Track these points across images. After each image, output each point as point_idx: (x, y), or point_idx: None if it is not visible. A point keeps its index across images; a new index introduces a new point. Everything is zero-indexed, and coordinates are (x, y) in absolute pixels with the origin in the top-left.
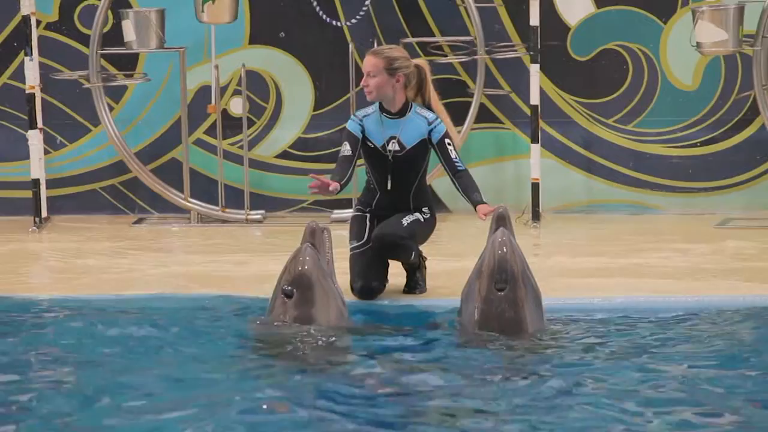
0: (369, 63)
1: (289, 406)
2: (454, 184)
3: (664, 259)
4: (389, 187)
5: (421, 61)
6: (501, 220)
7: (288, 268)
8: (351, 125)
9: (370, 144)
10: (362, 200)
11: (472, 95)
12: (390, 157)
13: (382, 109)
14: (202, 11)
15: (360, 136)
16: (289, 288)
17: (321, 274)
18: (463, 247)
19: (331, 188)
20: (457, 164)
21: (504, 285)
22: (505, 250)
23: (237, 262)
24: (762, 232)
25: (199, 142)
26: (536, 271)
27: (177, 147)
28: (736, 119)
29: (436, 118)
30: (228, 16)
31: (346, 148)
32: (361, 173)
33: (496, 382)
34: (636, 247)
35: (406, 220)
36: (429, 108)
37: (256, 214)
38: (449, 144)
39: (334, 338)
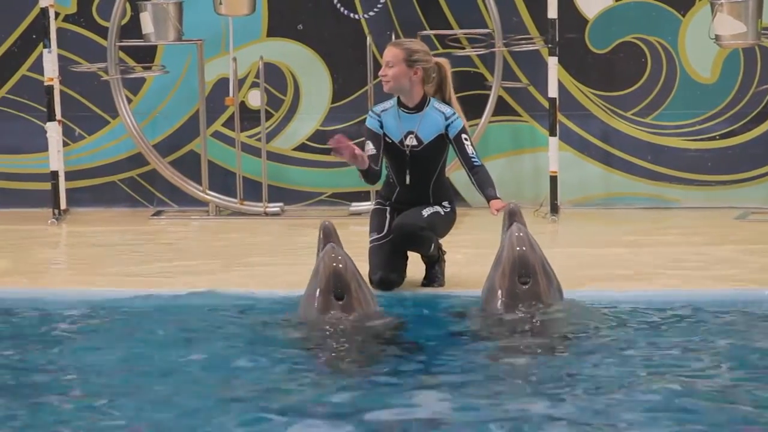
0: (389, 53)
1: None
2: (470, 178)
3: (683, 252)
4: (408, 181)
5: (443, 60)
6: (513, 216)
7: (327, 270)
8: (370, 122)
9: (388, 139)
10: (382, 194)
11: (489, 88)
12: (408, 152)
13: (399, 103)
14: (220, 3)
15: (380, 131)
16: (341, 291)
17: (357, 272)
18: (483, 240)
19: (357, 152)
20: (473, 159)
21: (528, 278)
22: (523, 244)
23: (257, 258)
24: None
25: (217, 135)
26: (554, 263)
27: (195, 139)
28: (755, 112)
29: (453, 113)
30: (246, 8)
31: (369, 147)
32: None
33: (525, 374)
34: (654, 240)
35: (426, 212)
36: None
37: (275, 207)
38: (466, 139)
39: (373, 332)
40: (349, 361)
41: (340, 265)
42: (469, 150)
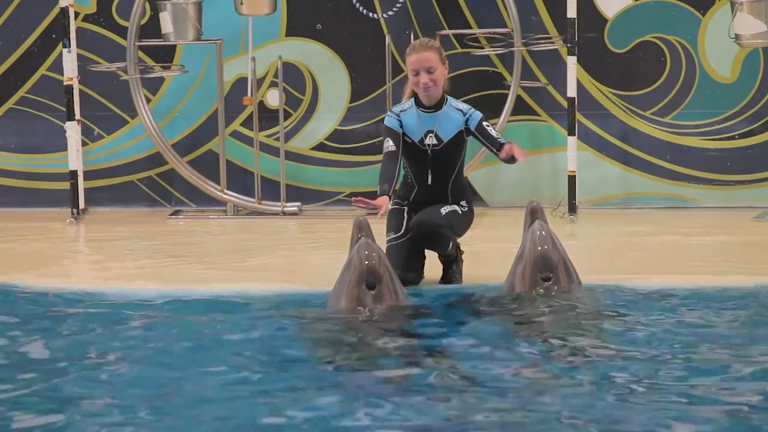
0: (427, 58)
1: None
2: (501, 158)
3: (701, 251)
4: (428, 181)
5: None
6: (535, 213)
7: (361, 261)
8: (389, 121)
9: (408, 139)
10: (400, 194)
11: (508, 87)
12: (429, 151)
13: (418, 104)
14: (241, 3)
15: (400, 131)
16: (373, 282)
17: (389, 266)
18: (500, 239)
19: (379, 214)
20: (499, 140)
21: (550, 274)
22: (546, 241)
23: (273, 253)
24: None
25: (235, 134)
26: (573, 262)
27: (214, 139)
28: None
29: (470, 108)
30: (267, 8)
31: (389, 144)
32: None
33: (545, 370)
34: (672, 239)
35: (445, 210)
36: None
37: (293, 206)
38: (488, 126)
39: (401, 324)
40: (374, 352)
41: (374, 260)
42: (494, 133)
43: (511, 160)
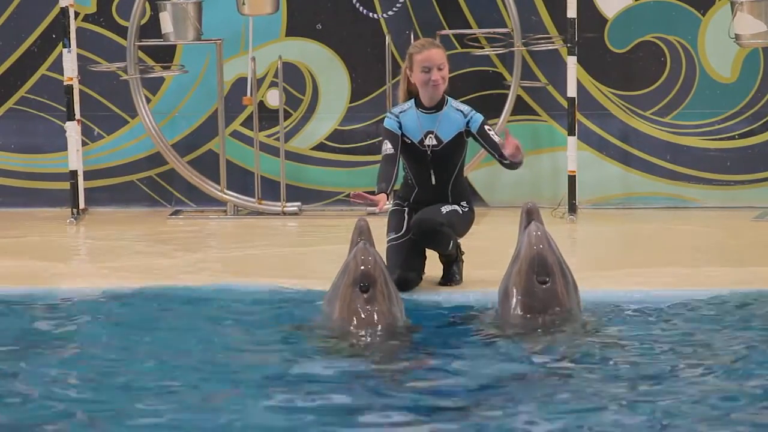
0: (438, 55)
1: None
2: (503, 163)
3: (701, 252)
4: (428, 181)
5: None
6: (531, 214)
7: (356, 266)
8: (388, 123)
9: (408, 140)
10: (400, 195)
11: (508, 87)
12: (429, 152)
13: (418, 104)
14: (243, 3)
15: (399, 132)
16: (366, 284)
17: (386, 271)
18: (500, 238)
19: (378, 208)
20: (501, 144)
21: (546, 278)
22: (542, 243)
23: (273, 253)
24: None
25: (235, 134)
26: (573, 263)
27: (214, 139)
28: None
29: (471, 110)
30: (269, 8)
31: (388, 147)
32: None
33: (540, 374)
34: (673, 240)
35: (445, 209)
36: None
37: (293, 206)
38: (489, 129)
39: (392, 330)
40: (363, 356)
41: (369, 264)
42: (496, 138)
43: (513, 165)
